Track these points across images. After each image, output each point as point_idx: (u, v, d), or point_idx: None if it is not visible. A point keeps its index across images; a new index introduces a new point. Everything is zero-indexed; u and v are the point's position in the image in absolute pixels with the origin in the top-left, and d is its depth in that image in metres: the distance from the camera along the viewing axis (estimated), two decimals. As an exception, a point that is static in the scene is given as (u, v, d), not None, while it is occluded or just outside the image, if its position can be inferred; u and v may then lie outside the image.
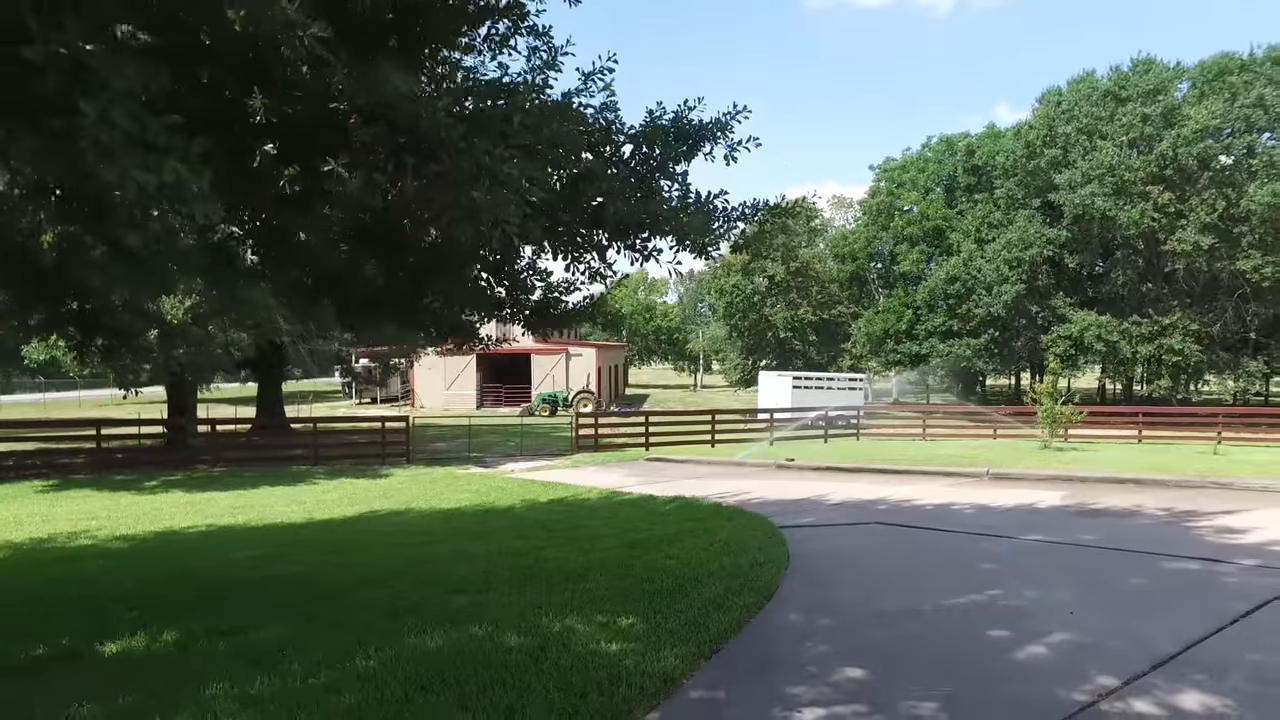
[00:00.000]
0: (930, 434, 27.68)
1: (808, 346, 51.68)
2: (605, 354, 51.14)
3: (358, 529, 10.46)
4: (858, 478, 13.25)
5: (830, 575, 6.30)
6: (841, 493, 11.24)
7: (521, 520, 10.26)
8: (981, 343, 40.84)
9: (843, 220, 65.44)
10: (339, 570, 7.50)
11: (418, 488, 15.23)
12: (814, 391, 35.02)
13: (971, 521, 8.27)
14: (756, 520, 8.81)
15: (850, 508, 9.79)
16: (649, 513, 10.13)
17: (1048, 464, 15.46)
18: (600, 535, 8.52)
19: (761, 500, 10.99)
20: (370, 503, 13.20)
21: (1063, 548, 6.81)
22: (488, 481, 15.56)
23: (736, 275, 49.97)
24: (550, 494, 13.16)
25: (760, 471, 15.46)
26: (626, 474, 16.41)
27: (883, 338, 47.93)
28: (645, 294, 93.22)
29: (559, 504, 11.77)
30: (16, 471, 17.49)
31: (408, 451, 21.07)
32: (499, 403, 47.69)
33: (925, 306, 44.63)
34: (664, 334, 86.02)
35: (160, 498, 14.49)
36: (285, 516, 11.89)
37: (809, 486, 12.25)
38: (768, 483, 13.38)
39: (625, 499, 11.82)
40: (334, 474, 18.19)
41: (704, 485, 13.44)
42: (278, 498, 14.20)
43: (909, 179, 50.55)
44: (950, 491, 10.98)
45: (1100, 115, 36.93)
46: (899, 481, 12.47)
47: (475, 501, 12.63)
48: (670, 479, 14.99)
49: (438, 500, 13.09)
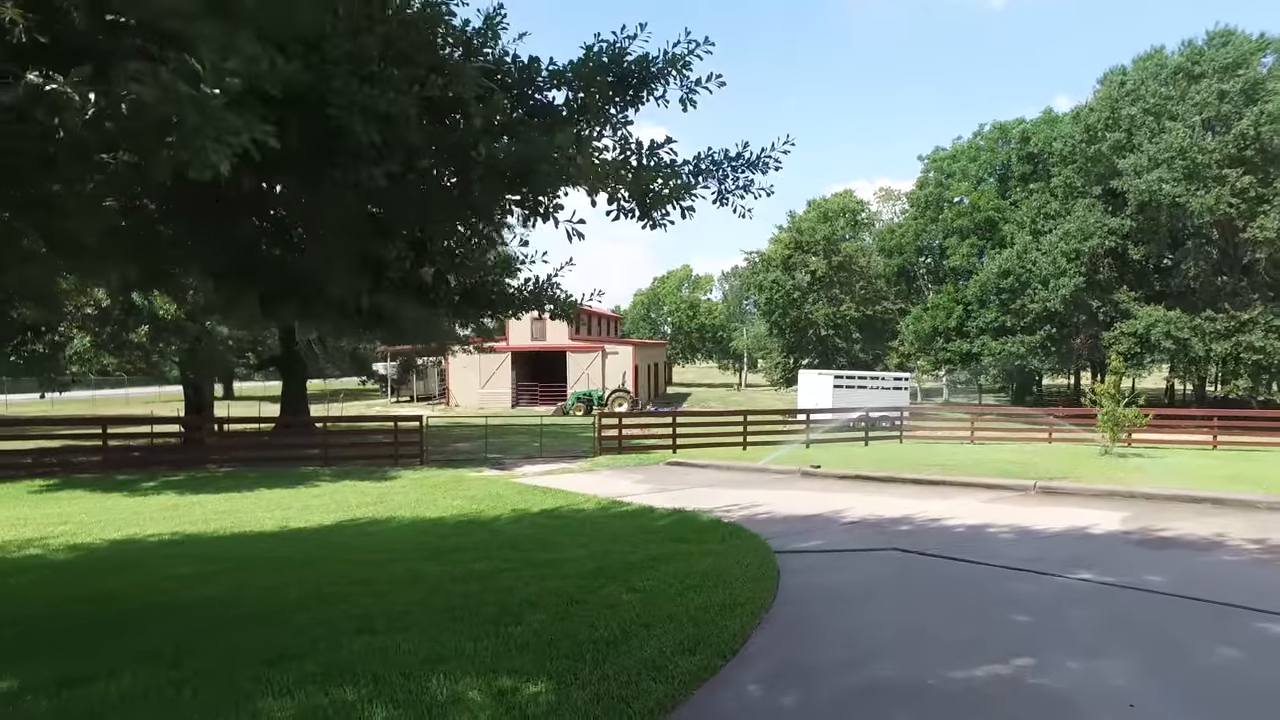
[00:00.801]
0: (979, 437, 25.81)
1: (851, 344, 49.69)
2: (643, 352, 50.06)
3: (323, 541, 9.57)
4: (886, 489, 11.84)
5: (818, 624, 5.05)
6: (863, 507, 9.90)
7: (497, 535, 9.22)
8: (1037, 340, 38.42)
9: (890, 214, 63.04)
10: (262, 594, 6.59)
11: (415, 493, 14.37)
12: (856, 391, 33.29)
13: (1008, 551, 6.87)
14: (753, 543, 7.58)
15: (867, 528, 8.46)
16: (638, 529, 8.98)
17: (1107, 474, 13.78)
18: (570, 558, 7.43)
19: (770, 515, 9.72)
20: (357, 509, 12.35)
21: (1121, 594, 5.39)
22: (489, 487, 14.60)
23: (776, 270, 48.28)
24: (546, 502, 12.12)
25: (781, 480, 14.13)
26: (639, 480, 15.27)
27: (931, 335, 45.72)
28: (689, 291, 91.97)
29: (548, 515, 10.70)
30: (21, 470, 17.24)
31: (421, 453, 20.32)
32: (534, 401, 47.03)
33: (976, 302, 42.32)
34: (708, 332, 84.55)
35: (148, 500, 13.93)
36: (260, 524, 11.12)
37: (829, 499, 10.92)
38: (786, 493, 12.07)
39: (621, 511, 10.69)
40: (340, 475, 17.51)
41: (715, 495, 12.21)
42: (266, 502, 13.49)
43: (959, 169, 48.13)
44: (989, 509, 9.53)
45: (1170, 95, 34.21)
46: (932, 494, 11.04)
47: (463, 511, 11.66)
48: (682, 486, 13.80)
49: (426, 508, 12.17)
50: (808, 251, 47.99)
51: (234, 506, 13.03)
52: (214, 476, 17.24)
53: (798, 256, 48.19)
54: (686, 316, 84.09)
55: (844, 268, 47.97)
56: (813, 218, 49.54)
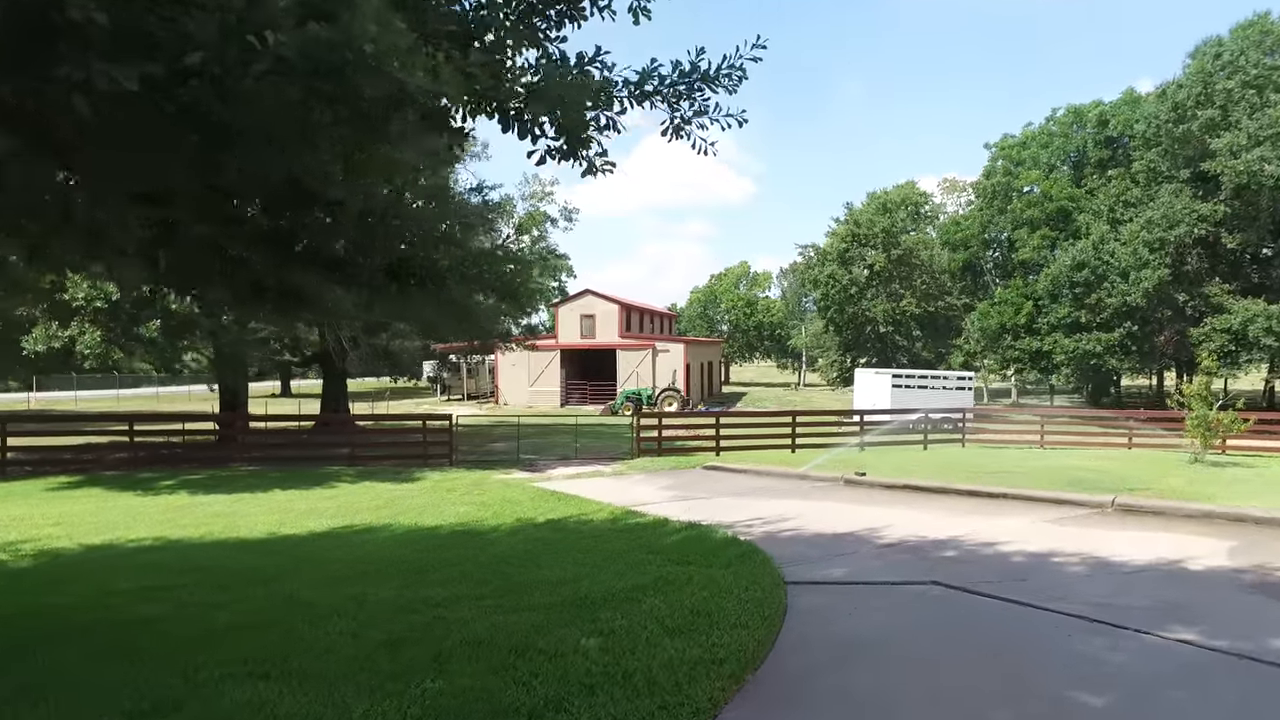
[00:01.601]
0: (1050, 441, 23.77)
1: (912, 342, 47.35)
2: (695, 350, 48.78)
3: (301, 553, 8.77)
4: (936, 502, 10.40)
5: (815, 698, 3.85)
6: (905, 525, 8.54)
7: (485, 551, 8.24)
8: (1115, 337, 35.60)
9: (955, 206, 60.08)
10: (195, 616, 5.85)
11: (428, 496, 13.58)
12: (916, 391, 31.43)
13: (1079, 591, 5.48)
14: (764, 570, 6.37)
15: (905, 552, 7.13)
16: (640, 547, 7.86)
17: (1201, 488, 11.97)
18: (550, 582, 6.39)
19: (795, 532, 8.46)
20: (359, 514, 11.60)
21: (1242, 669, 3.90)
22: (505, 492, 13.70)
23: (832, 264, 46.34)
24: (556, 511, 11.11)
25: (821, 489, 12.79)
26: (666, 486, 14.15)
27: (998, 332, 43.13)
28: (746, 288, 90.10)
29: (551, 527, 9.68)
30: (46, 466, 17.22)
31: (450, 453, 19.62)
32: (584, 400, 46.27)
33: (1048, 297, 39.62)
34: (766, 330, 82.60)
35: (156, 500, 13.52)
36: (251, 529, 10.47)
37: (868, 514, 9.58)
38: (822, 505, 10.76)
39: (632, 524, 9.58)
40: (363, 476, 16.94)
41: (743, 506, 11.00)
42: (272, 504, 12.90)
43: (1029, 156, 45.29)
44: (1056, 531, 8.05)
45: (1274, 65, 31.07)
46: (990, 510, 9.57)
47: (466, 519, 10.76)
48: (710, 495, 12.62)
49: (430, 514, 11.32)
50: (866, 244, 45.88)
51: (236, 509, 12.46)
52: (235, 475, 16.87)
53: (855, 250, 46.14)
54: (744, 314, 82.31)
55: (904, 261, 45.68)
56: (871, 210, 47.37)
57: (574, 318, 46.16)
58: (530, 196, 30.85)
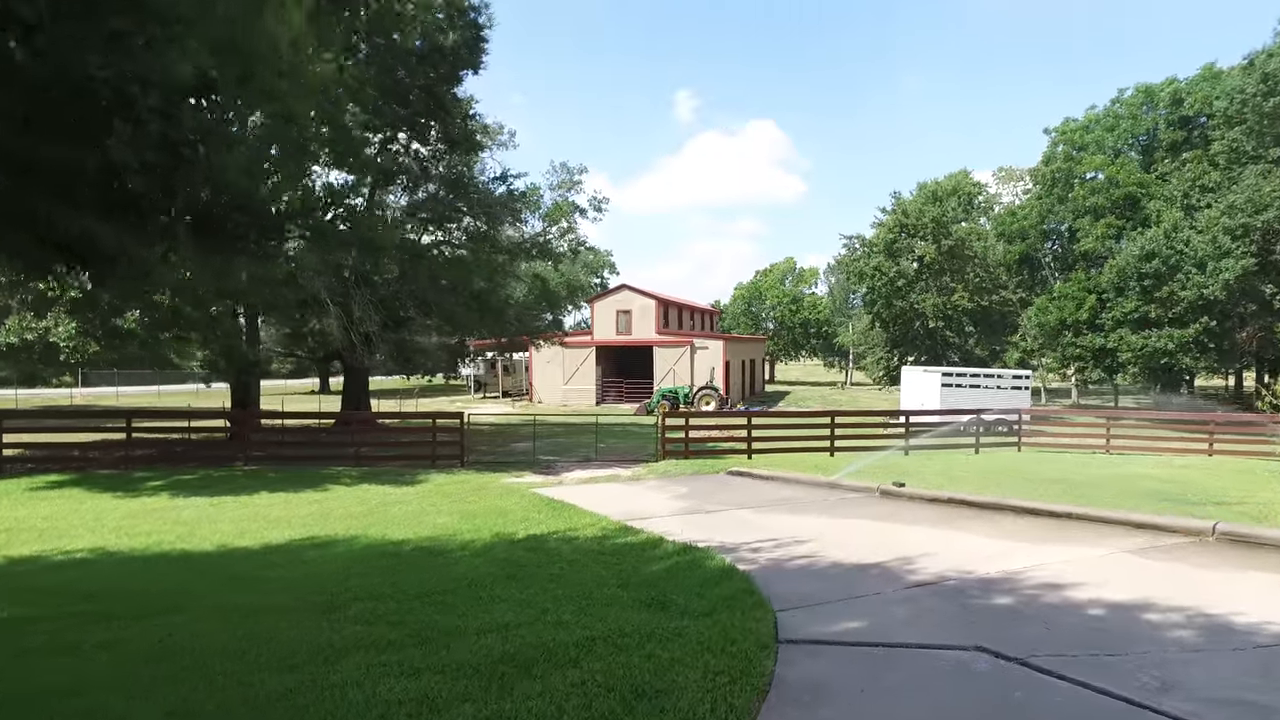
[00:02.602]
0: (1116, 446, 21.58)
1: (964, 339, 44.75)
2: (736, 347, 47.04)
3: (234, 572, 7.63)
4: (988, 521, 8.72)
5: None
6: (948, 552, 6.94)
7: (436, 575, 6.94)
8: (1190, 333, 32.68)
9: (1011, 196, 56.91)
10: (33, 665, 4.59)
11: (418, 503, 12.42)
12: (968, 390, 29.33)
13: (1194, 678, 3.86)
14: (755, 619, 4.91)
15: (945, 595, 5.56)
16: (618, 577, 6.46)
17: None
18: (479, 628, 5.07)
19: (810, 561, 6.93)
20: (329, 524, 10.48)
21: None
22: (501, 500, 12.47)
23: (879, 256, 44.02)
24: (545, 524, 9.78)
25: (852, 501, 11.17)
26: (679, 495, 12.70)
27: (1058, 328, 40.35)
28: (792, 284, 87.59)
29: (528, 546, 8.34)
30: (49, 464, 16.65)
31: (461, 454, 18.49)
32: (620, 398, 44.96)
33: (1113, 290, 36.78)
34: (812, 327, 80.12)
35: (132, 503, 12.65)
36: (204, 540, 9.45)
37: (903, 536, 7.98)
38: (850, 522, 9.18)
39: (620, 544, 8.17)
40: (363, 478, 15.93)
41: (757, 522, 9.50)
42: (248, 510, 11.88)
43: (1093, 140, 42.27)
44: (1143, 568, 6.35)
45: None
46: (1053, 533, 7.86)
47: (440, 533, 9.52)
48: (725, 506, 11.13)
49: (405, 526, 10.12)
50: (914, 235, 43.45)
51: (208, 514, 11.48)
52: (231, 476, 16.00)
53: (903, 241, 43.76)
54: (789, 311, 79.96)
55: (956, 253, 43.10)
56: (921, 199, 44.88)
57: (610, 313, 44.88)
58: (559, 186, 29.56)
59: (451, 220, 25.96)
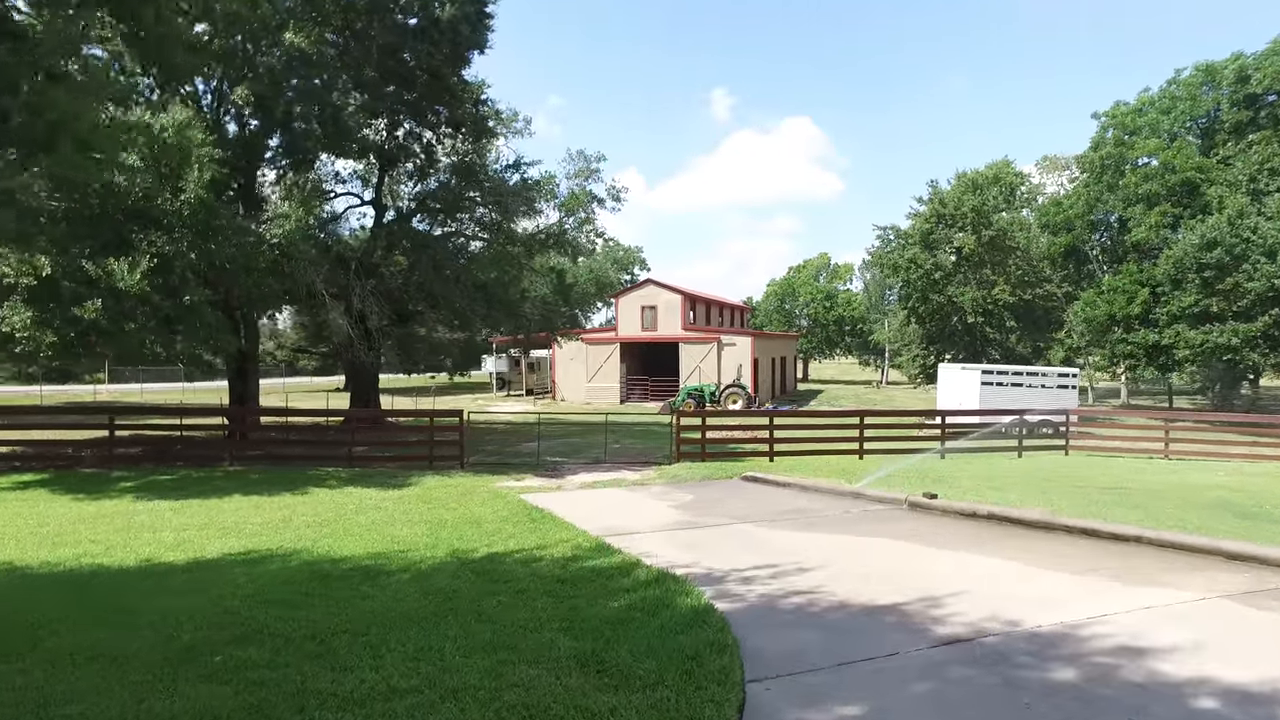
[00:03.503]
0: (1176, 451, 19.61)
1: (1005, 334, 42.43)
2: (765, 344, 45.29)
3: (125, 600, 6.46)
4: (1036, 544, 7.19)
5: None
6: (988, 591, 5.48)
7: (350, 608, 5.71)
8: (1257, 328, 30.18)
9: (1055, 186, 54.16)
10: None
11: (391, 510, 11.29)
12: (1009, 390, 27.38)
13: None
14: (710, 702, 3.55)
15: (983, 661, 4.13)
16: (561, 617, 5.16)
17: None
18: (334, 698, 3.76)
19: (810, 599, 5.54)
20: (283, 534, 9.38)
21: None
22: (482, 508, 11.31)
23: (914, 248, 41.93)
24: (516, 539, 8.55)
25: (875, 515, 9.70)
26: (680, 504, 11.37)
27: (1107, 324, 37.95)
28: (826, 280, 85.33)
29: (480, 569, 7.09)
30: (33, 462, 15.92)
31: (460, 455, 17.30)
32: (645, 396, 43.46)
33: (1169, 282, 34.35)
34: (846, 324, 77.80)
35: (90, 506, 11.71)
36: (135, 552, 8.50)
37: (932, 564, 6.52)
38: (869, 543, 7.74)
39: (588, 568, 6.86)
40: (350, 480, 14.87)
41: (759, 541, 8.12)
42: (205, 515, 10.86)
43: (1146, 124, 39.65)
44: (1253, 622, 4.82)
45: None
46: (1117, 565, 6.33)
47: (392, 548, 8.33)
48: (728, 519, 9.76)
49: (363, 538, 8.97)
50: (952, 226, 41.28)
51: (158, 520, 10.47)
52: (210, 477, 15.05)
53: (940, 231, 41.61)
54: (823, 308, 77.75)
55: (997, 244, 40.80)
56: (960, 189, 42.62)
57: (635, 309, 43.50)
58: (576, 175, 28.28)
59: (462, 210, 24.88)
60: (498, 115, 26.15)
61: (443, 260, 20.37)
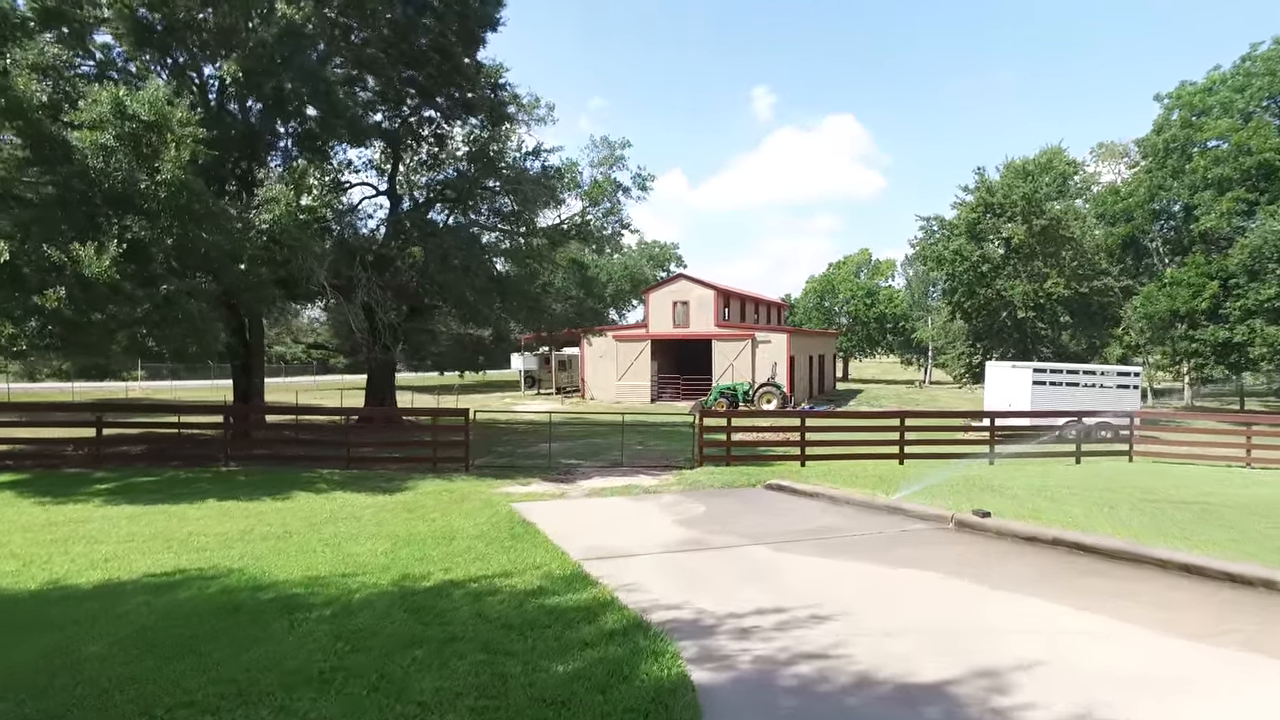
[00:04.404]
0: (1261, 459, 17.44)
1: (1058, 331, 39.88)
2: (801, 341, 43.32)
3: None
4: (1128, 587, 5.62)
5: None
6: (1073, 662, 3.98)
7: (222, 665, 4.44)
8: (1346, 323, 27.46)
9: (1112, 175, 51.09)
10: None
11: (365, 519, 10.12)
12: (1064, 390, 25.26)
13: None
14: None
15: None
16: (482, 686, 3.83)
17: None
18: None
19: (824, 667, 4.09)
20: (223, 550, 8.26)
21: None
22: (465, 520, 10.07)
23: (960, 239, 39.62)
24: (478, 563, 7.27)
25: (915, 538, 8.16)
26: (690, 519, 9.97)
27: (1169, 319, 35.29)
28: (867, 277, 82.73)
29: (414, 605, 5.81)
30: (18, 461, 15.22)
31: (465, 456, 16.08)
32: (677, 395, 41.90)
33: (1243, 274, 31.66)
34: (888, 322, 75.14)
35: (45, 511, 10.78)
36: (45, 572, 7.44)
37: (988, 617, 5.01)
38: (905, 578, 6.23)
39: (547, 607, 5.51)
40: (342, 484, 13.78)
41: (769, 570, 6.67)
42: (159, 525, 9.79)
43: (1217, 103, 36.74)
44: None
45: None
46: (1256, 625, 4.73)
47: (338, 570, 7.12)
48: (740, 539, 8.33)
49: (311, 557, 7.78)
50: (1001, 215, 38.87)
51: (108, 530, 9.44)
52: (197, 479, 14.09)
53: (988, 221, 39.23)
54: (863, 305, 75.20)
55: (1049, 235, 38.25)
56: (1009, 177, 40.12)
57: (666, 304, 41.97)
58: (600, 163, 26.95)
59: (479, 199, 23.75)
60: (516, 99, 24.97)
61: (451, 250, 19.19)
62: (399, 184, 24.31)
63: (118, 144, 12.38)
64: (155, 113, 12.60)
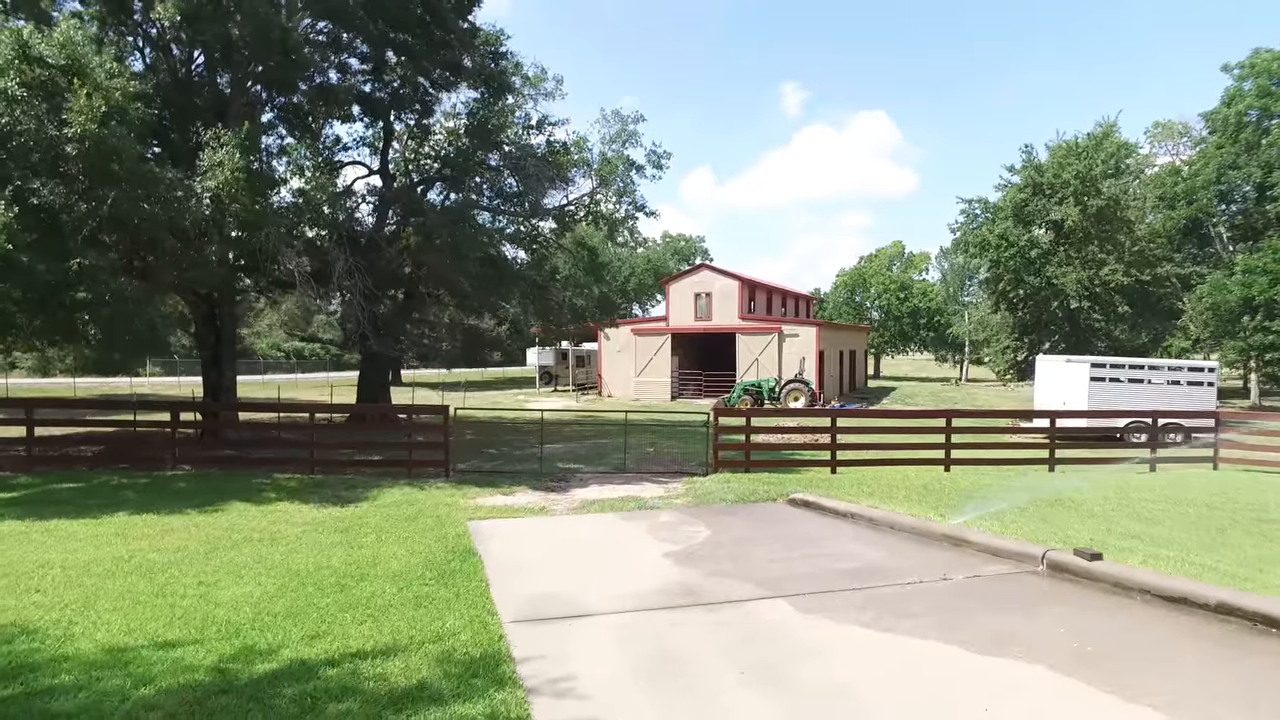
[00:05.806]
0: (1388, 470, 14.61)
1: (1114, 322, 36.69)
2: (831, 335, 40.48)
3: None
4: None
5: None
6: None
7: None
8: None
9: (1169, 156, 47.42)
10: None
11: (284, 544, 8.05)
12: (1126, 386, 22.42)
13: None
14: None
15: None
16: None
17: None
18: None
19: None
20: (60, 593, 6.20)
21: None
22: (399, 546, 7.94)
23: (1005, 222, 36.57)
24: (364, 631, 5.13)
25: (991, 593, 5.82)
26: (680, 553, 7.75)
27: (1239, 310, 32.07)
28: (900, 270, 79.35)
29: (261, 699, 3.59)
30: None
31: (446, 461, 13.90)
32: (699, 392, 39.36)
33: (1330, 258, 28.42)
34: (922, 317, 71.72)
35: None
36: None
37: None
38: (999, 676, 3.90)
39: (467, 692, 3.29)
40: (294, 492, 11.79)
41: (788, 657, 4.40)
42: (15, 554, 7.76)
43: (1298, 71, 33.35)
44: None
45: None
46: None
47: (175, 634, 5.00)
48: (742, 588, 6.08)
49: (164, 604, 5.74)
50: (1051, 196, 35.77)
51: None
52: (130, 485, 12.18)
53: (1037, 203, 36.15)
54: (896, 299, 71.85)
55: (1105, 217, 35.07)
56: (1060, 154, 36.97)
57: (688, 296, 39.49)
58: (612, 139, 24.64)
59: (479, 176, 21.63)
60: (519, 69, 22.82)
61: (435, 228, 17.11)
62: (393, 163, 22.36)
63: (24, 92, 10.51)
64: (68, 56, 10.70)
